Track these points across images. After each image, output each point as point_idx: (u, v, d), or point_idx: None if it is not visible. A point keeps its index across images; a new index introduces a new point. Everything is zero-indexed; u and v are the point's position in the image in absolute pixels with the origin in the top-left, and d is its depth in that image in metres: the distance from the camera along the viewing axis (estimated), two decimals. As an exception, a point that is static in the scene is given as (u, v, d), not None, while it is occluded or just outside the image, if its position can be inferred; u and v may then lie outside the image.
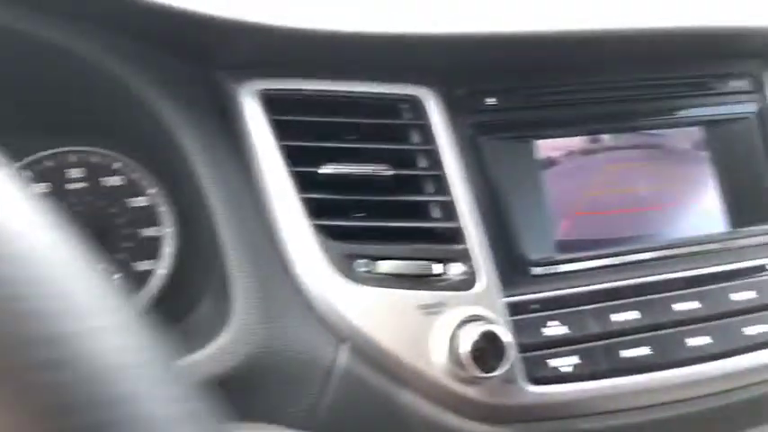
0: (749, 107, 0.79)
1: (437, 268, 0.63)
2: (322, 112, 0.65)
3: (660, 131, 0.77)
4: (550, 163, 0.72)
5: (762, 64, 0.81)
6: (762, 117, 0.79)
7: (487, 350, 0.58)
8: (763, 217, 0.77)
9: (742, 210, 0.77)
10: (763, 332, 0.69)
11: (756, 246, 0.75)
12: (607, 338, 0.65)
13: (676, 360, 0.66)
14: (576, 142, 0.73)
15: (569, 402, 0.62)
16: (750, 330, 0.68)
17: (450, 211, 0.64)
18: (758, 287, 0.71)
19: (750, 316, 0.69)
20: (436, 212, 0.65)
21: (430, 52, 0.66)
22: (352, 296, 0.60)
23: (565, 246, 0.70)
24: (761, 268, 0.73)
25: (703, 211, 0.76)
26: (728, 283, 0.70)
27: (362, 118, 0.65)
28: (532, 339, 0.63)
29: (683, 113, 0.78)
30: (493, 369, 0.58)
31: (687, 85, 0.78)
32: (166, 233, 0.71)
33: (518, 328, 0.63)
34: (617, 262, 0.70)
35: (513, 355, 0.58)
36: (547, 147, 0.72)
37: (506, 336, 0.58)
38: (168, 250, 0.71)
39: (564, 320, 0.64)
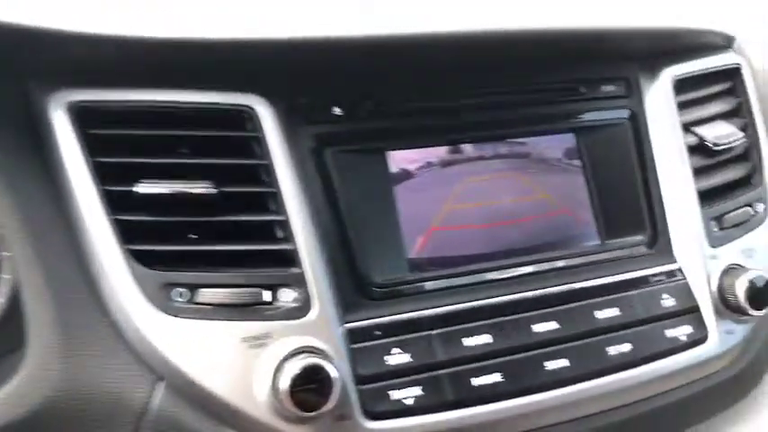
0: (622, 112, 0.76)
1: (266, 296, 0.57)
2: (141, 125, 0.58)
3: (528, 140, 0.73)
4: (405, 176, 0.67)
5: (636, 67, 0.77)
6: (635, 122, 0.76)
7: (311, 386, 0.53)
8: (635, 227, 0.73)
9: (614, 220, 0.73)
10: (625, 352, 0.65)
11: (626, 258, 0.71)
12: (456, 365, 0.60)
13: (532, 386, 0.61)
14: (435, 153, 0.69)
15: (409, 438, 0.57)
16: (613, 350, 0.64)
17: (282, 231, 0.59)
18: (623, 303, 0.67)
19: (613, 335, 0.65)
20: (267, 234, 0.59)
21: (262, 58, 0.60)
22: (169, 329, 0.55)
23: (417, 265, 0.65)
24: (629, 283, 0.69)
25: (574, 222, 0.72)
26: (593, 300, 0.66)
27: (188, 130, 0.59)
28: (372, 370, 0.58)
29: (552, 120, 0.74)
30: (316, 407, 0.52)
31: (557, 90, 0.74)
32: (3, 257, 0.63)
33: (357, 358, 0.58)
34: (473, 281, 0.65)
35: (339, 389, 0.53)
36: (401, 158, 0.67)
37: (332, 370, 0.53)
38: (5, 277, 0.63)
39: (407, 347, 0.59)
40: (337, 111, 0.64)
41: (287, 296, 0.57)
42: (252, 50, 0.59)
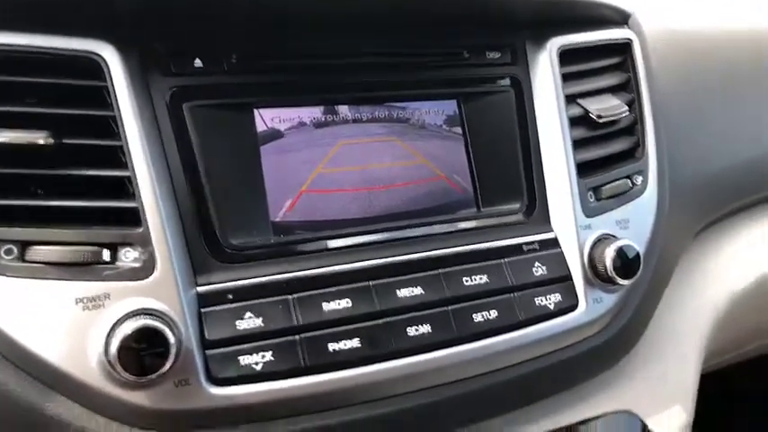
0: (506, 80, 0.75)
1: (106, 255, 0.53)
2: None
3: (409, 104, 0.71)
4: (273, 135, 0.64)
5: (523, 36, 0.76)
6: (519, 91, 0.75)
7: (148, 350, 0.50)
8: (513, 196, 0.73)
9: (493, 188, 0.72)
10: (491, 319, 0.64)
11: (502, 226, 0.71)
12: (312, 330, 0.58)
13: (392, 352, 0.60)
14: (307, 113, 0.66)
15: (260, 404, 0.55)
16: (479, 317, 0.64)
17: (126, 188, 0.55)
18: (493, 271, 0.66)
19: (480, 302, 0.64)
20: (111, 190, 0.55)
21: (112, 1, 0.56)
22: (-6, 289, 0.50)
23: (283, 228, 0.63)
24: (501, 251, 0.68)
25: (451, 190, 0.71)
26: (462, 267, 0.65)
27: (31, 77, 0.54)
28: (222, 334, 0.56)
29: (434, 85, 0.72)
30: (150, 371, 0.49)
31: (440, 54, 0.72)
32: None
33: (207, 322, 0.56)
34: (339, 245, 0.63)
35: (176, 354, 0.51)
36: (269, 117, 0.64)
37: (169, 333, 0.50)
38: None
39: (261, 312, 0.57)
40: (198, 63, 0.61)
41: (129, 256, 0.54)
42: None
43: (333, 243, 0.63)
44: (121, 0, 0.56)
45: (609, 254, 0.69)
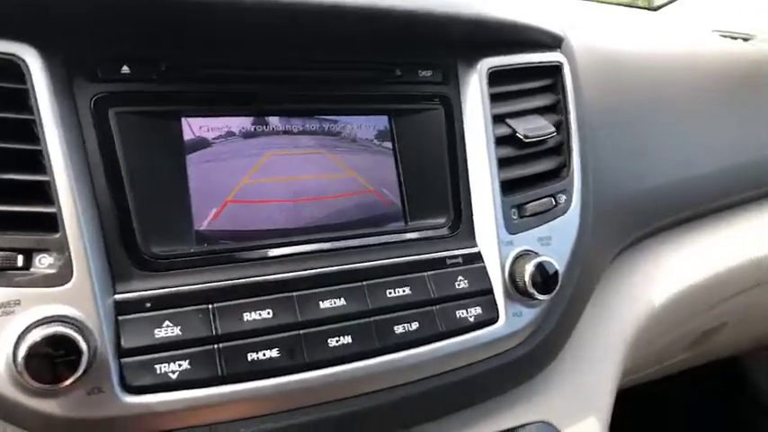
0: (437, 99, 0.77)
1: (20, 261, 0.53)
2: None
3: (340, 118, 0.72)
4: (200, 144, 0.65)
5: (455, 55, 0.79)
6: (449, 109, 0.77)
7: (58, 357, 0.49)
8: (439, 211, 0.75)
9: (420, 203, 0.74)
10: (412, 331, 0.66)
11: (428, 240, 0.73)
12: (231, 340, 0.58)
13: (312, 363, 0.61)
14: (236, 123, 0.67)
15: (174, 412, 0.55)
16: (400, 329, 0.65)
17: (45, 193, 0.54)
18: (416, 283, 0.68)
19: (402, 314, 0.66)
20: (28, 195, 0.55)
21: (38, 4, 0.55)
22: None
23: (206, 237, 0.63)
24: (425, 264, 0.70)
25: (379, 203, 0.73)
26: (385, 279, 0.67)
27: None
28: (138, 343, 0.56)
29: (366, 101, 0.74)
30: (61, 379, 0.49)
31: (372, 70, 0.74)
32: None
33: (123, 330, 0.55)
34: (262, 255, 0.64)
35: (87, 362, 0.50)
36: (196, 126, 0.64)
37: (80, 340, 0.50)
38: None
39: (179, 321, 0.57)
40: (126, 69, 0.61)
41: (44, 262, 0.53)
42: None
43: (256, 253, 0.64)
44: (49, 9, 0.55)
45: (528, 269, 0.71)
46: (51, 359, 0.49)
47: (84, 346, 0.50)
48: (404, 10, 0.70)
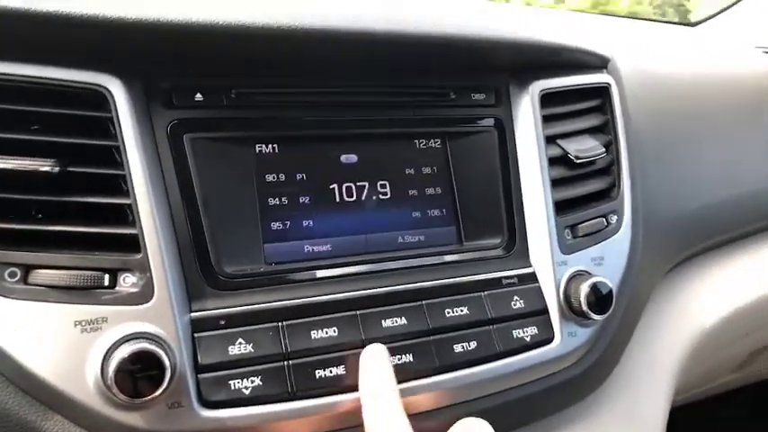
0: (490, 120, 0.79)
1: (106, 280, 0.56)
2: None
3: (399, 141, 0.74)
4: (267, 168, 0.67)
5: (505, 78, 0.80)
6: (502, 131, 0.79)
7: (143, 372, 0.52)
8: (494, 232, 0.76)
9: (475, 224, 0.76)
10: (471, 350, 0.67)
11: (483, 260, 0.74)
12: (300, 357, 0.60)
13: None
14: (300, 149, 0.69)
15: (247, 427, 0.57)
16: (459, 348, 0.67)
17: (126, 215, 0.58)
18: (473, 303, 0.70)
19: (460, 333, 0.67)
20: (112, 217, 0.58)
21: (120, 37, 0.59)
22: (-2, 311, 0.52)
23: (274, 258, 0.65)
24: (482, 284, 0.72)
25: (436, 224, 0.75)
26: (444, 299, 0.69)
27: (39, 107, 0.57)
28: (213, 359, 0.58)
29: (422, 124, 0.76)
30: (145, 394, 0.52)
31: (428, 95, 0.76)
32: None
33: (200, 347, 0.58)
34: (329, 275, 0.66)
35: (170, 377, 0.53)
36: (264, 151, 0.67)
37: (164, 356, 0.53)
38: None
39: (251, 338, 0.59)
40: (199, 97, 0.64)
41: (128, 281, 0.56)
42: (108, 28, 0.57)
43: (321, 273, 0.66)
44: (128, 38, 0.59)
45: (584, 289, 0.72)
46: (137, 374, 0.52)
47: (167, 361, 0.53)
48: (460, 36, 0.72)
